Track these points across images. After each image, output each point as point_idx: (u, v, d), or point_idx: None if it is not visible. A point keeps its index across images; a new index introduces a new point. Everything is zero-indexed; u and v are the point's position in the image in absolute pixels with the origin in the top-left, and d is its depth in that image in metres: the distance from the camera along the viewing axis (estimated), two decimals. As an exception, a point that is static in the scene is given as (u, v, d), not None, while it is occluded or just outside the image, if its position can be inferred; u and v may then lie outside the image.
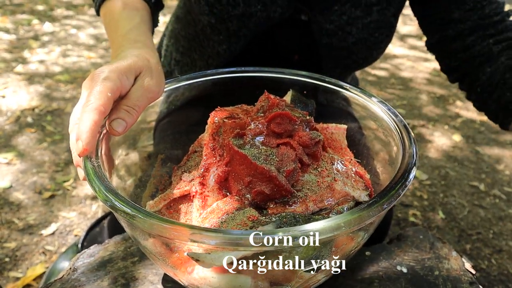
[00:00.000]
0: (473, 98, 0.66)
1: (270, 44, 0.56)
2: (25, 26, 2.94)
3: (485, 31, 0.63)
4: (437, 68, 2.71)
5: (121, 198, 0.34)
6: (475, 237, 1.39)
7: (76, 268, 0.54)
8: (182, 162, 0.51)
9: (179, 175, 0.48)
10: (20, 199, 1.39)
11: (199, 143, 0.52)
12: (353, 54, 0.66)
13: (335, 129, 0.52)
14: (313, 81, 0.57)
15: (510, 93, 0.59)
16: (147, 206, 0.48)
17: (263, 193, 0.38)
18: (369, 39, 0.65)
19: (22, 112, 1.90)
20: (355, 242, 0.40)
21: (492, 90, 0.61)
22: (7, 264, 1.16)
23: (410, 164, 0.40)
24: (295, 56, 0.70)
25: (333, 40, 0.65)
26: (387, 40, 0.67)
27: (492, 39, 0.63)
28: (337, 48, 0.66)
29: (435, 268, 0.55)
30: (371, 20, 0.64)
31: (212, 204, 0.40)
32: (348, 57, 0.67)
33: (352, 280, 0.53)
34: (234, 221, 0.36)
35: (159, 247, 0.38)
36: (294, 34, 0.68)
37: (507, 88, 0.59)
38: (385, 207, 0.34)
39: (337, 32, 0.64)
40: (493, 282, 1.22)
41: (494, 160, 1.80)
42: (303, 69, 0.56)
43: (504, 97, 0.59)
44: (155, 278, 0.52)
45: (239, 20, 0.63)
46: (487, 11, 0.63)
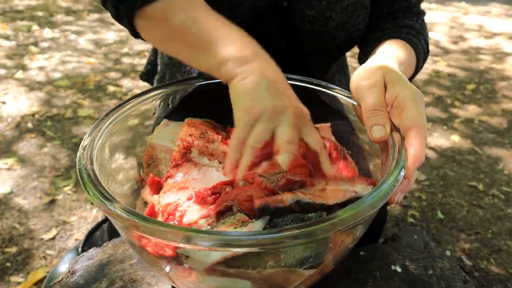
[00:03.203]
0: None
1: (256, 35, 0.56)
2: (25, 33, 2.96)
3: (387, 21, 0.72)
4: (435, 69, 2.73)
5: (115, 202, 0.35)
6: (473, 237, 1.40)
7: (75, 271, 0.55)
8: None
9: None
10: (21, 204, 1.40)
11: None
12: (334, 38, 0.69)
13: (321, 129, 0.54)
14: (304, 84, 0.58)
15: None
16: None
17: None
18: (348, 22, 0.67)
19: (23, 118, 1.91)
20: (352, 238, 0.41)
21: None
22: (8, 269, 1.17)
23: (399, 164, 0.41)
24: (281, 43, 0.72)
25: (314, 26, 0.67)
26: (364, 21, 0.70)
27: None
28: (319, 34, 0.68)
29: (429, 267, 0.56)
30: (348, 3, 0.66)
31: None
32: (330, 42, 0.69)
33: (347, 280, 0.54)
34: (224, 224, 0.36)
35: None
36: (278, 22, 0.69)
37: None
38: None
39: (319, 17, 0.66)
40: (492, 282, 1.22)
41: (492, 160, 1.81)
42: (289, 57, 0.56)
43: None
44: (152, 280, 0.53)
45: (225, 10, 0.64)
46: (396, 7, 0.72)
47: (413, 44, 0.66)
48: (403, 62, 0.59)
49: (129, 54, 2.73)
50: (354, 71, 0.53)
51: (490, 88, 2.51)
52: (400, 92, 0.46)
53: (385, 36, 0.68)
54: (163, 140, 0.53)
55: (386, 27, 0.71)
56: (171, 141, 0.52)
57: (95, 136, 0.45)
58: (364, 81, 0.49)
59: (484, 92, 2.46)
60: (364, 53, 0.73)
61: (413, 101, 0.45)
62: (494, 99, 2.38)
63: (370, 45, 0.70)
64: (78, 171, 0.39)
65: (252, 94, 0.45)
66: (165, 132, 0.54)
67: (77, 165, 0.39)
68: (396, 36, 0.67)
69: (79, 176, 0.39)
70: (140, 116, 0.54)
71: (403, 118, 0.45)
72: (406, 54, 0.62)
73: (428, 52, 0.71)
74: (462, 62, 2.91)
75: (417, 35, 0.68)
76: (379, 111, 0.46)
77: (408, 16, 0.72)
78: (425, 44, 0.70)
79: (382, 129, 0.45)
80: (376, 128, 0.45)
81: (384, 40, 0.67)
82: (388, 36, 0.67)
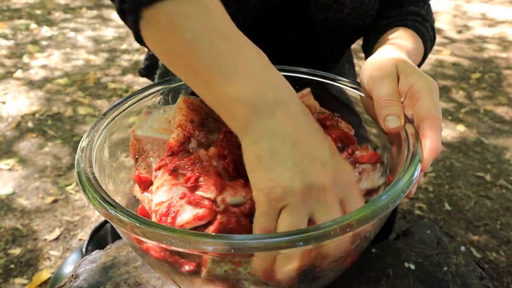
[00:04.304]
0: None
1: (266, 27, 0.52)
2: (23, 31, 2.94)
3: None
4: (439, 59, 2.69)
5: (117, 206, 0.33)
6: (482, 228, 1.38)
7: (78, 275, 0.54)
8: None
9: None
10: (23, 205, 1.39)
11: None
12: (347, 25, 0.67)
13: (302, 97, 0.53)
14: (313, 77, 0.56)
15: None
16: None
17: None
18: (361, 8, 0.66)
19: (23, 118, 1.90)
20: (367, 238, 0.39)
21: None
22: (12, 270, 1.16)
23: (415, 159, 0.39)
24: (292, 36, 0.70)
25: (328, 14, 0.65)
26: (375, 7, 0.68)
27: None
28: (333, 22, 0.66)
29: (444, 263, 0.54)
30: None
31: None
32: (343, 29, 0.68)
33: (359, 279, 0.52)
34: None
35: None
36: (291, 12, 0.68)
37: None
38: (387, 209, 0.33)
39: (332, 5, 0.64)
40: (501, 274, 1.21)
41: (499, 150, 1.78)
42: (301, 49, 0.54)
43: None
44: (158, 282, 0.52)
45: (237, 2, 0.62)
46: None
47: (420, 32, 0.64)
48: (412, 53, 0.58)
49: (128, 50, 2.70)
50: (362, 62, 0.51)
51: (495, 77, 2.48)
52: (415, 82, 0.44)
53: (391, 24, 0.66)
54: (147, 130, 0.47)
55: (391, 15, 0.68)
56: (157, 130, 0.47)
57: (93, 137, 0.43)
58: (376, 72, 0.47)
59: (489, 81, 2.43)
60: (368, 42, 0.70)
61: (428, 91, 0.43)
62: (499, 88, 2.34)
63: (376, 34, 0.67)
64: (77, 175, 0.37)
65: (270, 166, 0.33)
66: (148, 120, 0.49)
67: (75, 169, 0.37)
68: (402, 24, 0.65)
69: (77, 180, 0.37)
70: (141, 114, 0.52)
71: (417, 108, 0.43)
72: (414, 44, 0.60)
73: (435, 38, 0.69)
74: (466, 51, 2.87)
75: (423, 22, 0.66)
76: (393, 101, 0.44)
77: (413, 2, 0.70)
78: (432, 31, 0.68)
79: (397, 119, 0.43)
80: (390, 118, 0.43)
81: (390, 29, 0.65)
82: (394, 24, 0.65)
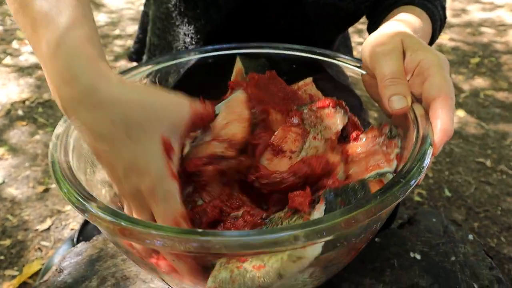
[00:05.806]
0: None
1: (255, 13, 0.49)
2: (12, 17, 2.86)
3: None
4: (438, 43, 2.64)
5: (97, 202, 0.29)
6: (483, 214, 1.35)
7: (63, 268, 0.50)
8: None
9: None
10: (14, 195, 1.35)
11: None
12: (341, 10, 0.63)
13: (304, 86, 0.51)
14: (308, 55, 0.53)
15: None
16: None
17: None
18: None
19: (13, 105, 1.84)
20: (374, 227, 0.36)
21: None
22: (2, 262, 1.13)
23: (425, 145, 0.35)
24: (280, 22, 0.65)
25: None
26: None
27: None
28: (324, 5, 0.62)
29: (451, 253, 0.51)
30: None
31: None
32: (336, 14, 0.63)
33: (363, 270, 0.49)
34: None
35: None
36: None
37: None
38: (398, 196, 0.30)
39: None
40: (503, 260, 1.19)
41: (499, 135, 1.75)
42: (289, 36, 0.51)
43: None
44: (147, 276, 0.48)
45: None
46: None
47: (429, 11, 0.59)
48: (418, 30, 0.53)
49: (121, 36, 2.64)
50: (361, 43, 0.47)
51: (495, 61, 2.44)
52: (423, 58, 0.40)
53: (398, 3, 0.61)
54: None
55: None
56: None
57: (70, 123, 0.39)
58: (379, 47, 0.43)
59: (489, 65, 2.39)
60: (373, 23, 0.66)
61: (438, 67, 0.39)
62: (499, 72, 2.31)
63: (381, 13, 0.63)
64: (51, 165, 0.33)
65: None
66: None
67: (49, 158, 0.33)
68: (410, 2, 0.60)
69: (51, 170, 0.33)
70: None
71: (427, 87, 0.39)
72: (422, 23, 0.55)
73: (445, 18, 0.64)
74: (464, 35, 2.82)
75: (433, 1, 0.61)
76: (398, 79, 0.40)
77: None
78: (442, 10, 0.63)
79: (403, 99, 0.39)
80: (395, 98, 0.39)
81: (396, 7, 0.60)
82: (401, 3, 0.61)
